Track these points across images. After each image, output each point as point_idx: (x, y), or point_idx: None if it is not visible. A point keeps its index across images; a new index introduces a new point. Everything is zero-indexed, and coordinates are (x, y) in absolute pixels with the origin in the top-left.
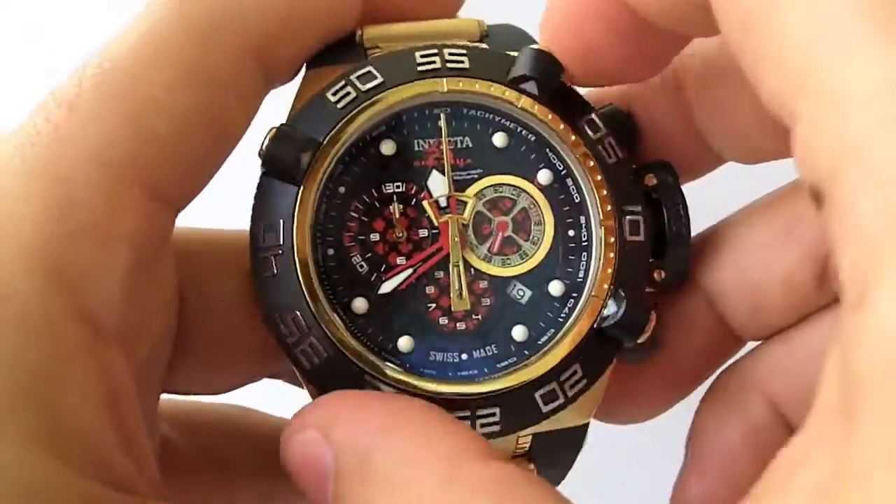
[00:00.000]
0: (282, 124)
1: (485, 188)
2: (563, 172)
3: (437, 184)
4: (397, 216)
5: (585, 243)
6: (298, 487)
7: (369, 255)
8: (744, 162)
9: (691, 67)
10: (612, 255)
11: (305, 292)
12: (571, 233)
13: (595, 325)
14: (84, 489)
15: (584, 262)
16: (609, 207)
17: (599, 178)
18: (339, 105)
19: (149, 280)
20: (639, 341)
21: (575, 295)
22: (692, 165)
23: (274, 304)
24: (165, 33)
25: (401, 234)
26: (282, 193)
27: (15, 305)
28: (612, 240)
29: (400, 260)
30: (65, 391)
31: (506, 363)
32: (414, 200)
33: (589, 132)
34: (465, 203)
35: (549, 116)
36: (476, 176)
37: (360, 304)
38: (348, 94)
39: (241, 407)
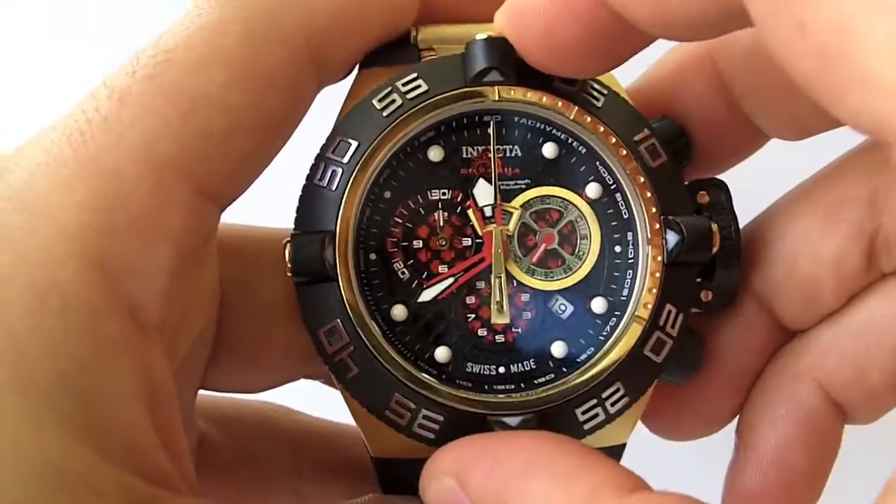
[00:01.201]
0: (293, 232)
1: (532, 199)
2: (612, 187)
3: (483, 192)
4: (441, 224)
5: (631, 261)
6: None
7: (412, 261)
8: (790, 138)
9: (732, 49)
10: (657, 274)
11: (346, 300)
12: (618, 249)
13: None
14: (120, 481)
15: (629, 280)
16: (657, 226)
17: (649, 195)
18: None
19: (192, 277)
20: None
21: (618, 313)
22: (738, 147)
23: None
24: (222, 30)
25: (444, 243)
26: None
27: (57, 295)
28: (659, 258)
29: (442, 268)
30: (105, 384)
31: (543, 379)
32: (459, 208)
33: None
34: (511, 213)
35: (601, 129)
36: (524, 186)
37: (399, 312)
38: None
39: (279, 406)
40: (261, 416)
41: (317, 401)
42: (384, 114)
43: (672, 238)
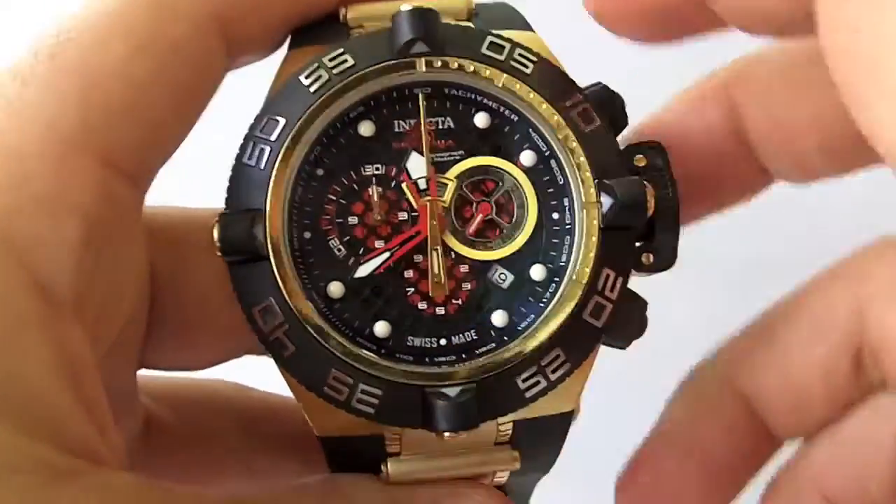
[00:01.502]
0: (221, 212)
1: (467, 170)
2: (546, 154)
3: (417, 165)
4: (376, 199)
5: (569, 226)
6: None
7: (347, 238)
8: (797, 182)
9: (749, 83)
10: (594, 238)
11: (279, 279)
12: (556, 216)
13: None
14: (39, 455)
15: (567, 246)
16: (592, 190)
17: (582, 159)
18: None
19: (112, 254)
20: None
21: (557, 279)
22: (742, 185)
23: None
24: (123, 7)
25: (380, 217)
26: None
27: None
28: (595, 222)
29: (379, 243)
30: (17, 359)
31: (485, 349)
32: (394, 182)
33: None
34: (446, 185)
35: (532, 96)
36: (458, 157)
37: (335, 289)
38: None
39: (231, 382)
40: (211, 393)
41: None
42: (311, 90)
43: (606, 201)
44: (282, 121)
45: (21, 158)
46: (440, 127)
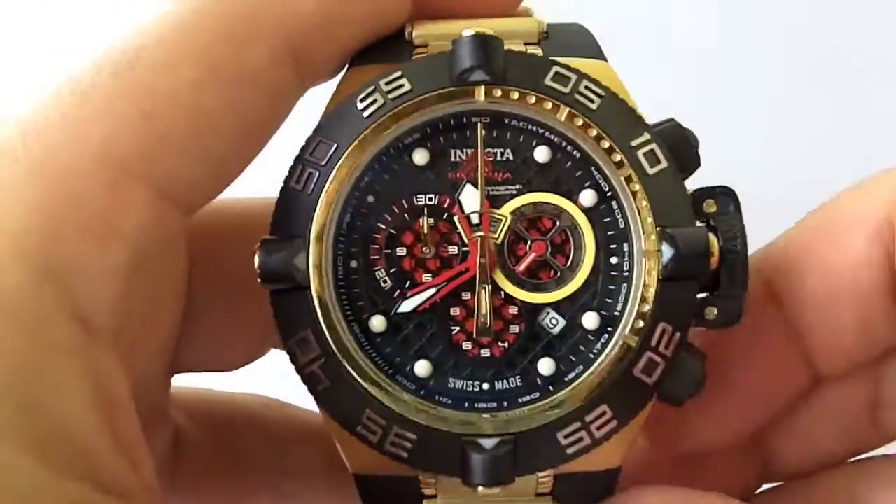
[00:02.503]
0: (264, 237)
1: (523, 206)
2: (608, 194)
3: (470, 198)
4: (426, 230)
5: (627, 273)
6: None
7: (394, 269)
8: None
9: None
10: (652, 289)
11: (318, 311)
12: (614, 260)
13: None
14: (71, 492)
15: (625, 295)
16: (654, 237)
17: (645, 203)
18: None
19: (154, 281)
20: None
21: (610, 329)
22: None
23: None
24: (196, 26)
25: (428, 250)
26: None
27: (1, 299)
28: (654, 273)
29: (426, 277)
30: (52, 390)
31: (528, 398)
32: (446, 214)
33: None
34: (500, 221)
35: (594, 133)
36: (515, 192)
37: (377, 323)
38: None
39: (268, 399)
40: (245, 410)
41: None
42: (365, 115)
43: (667, 251)
44: (333, 145)
45: (71, 179)
46: (498, 158)
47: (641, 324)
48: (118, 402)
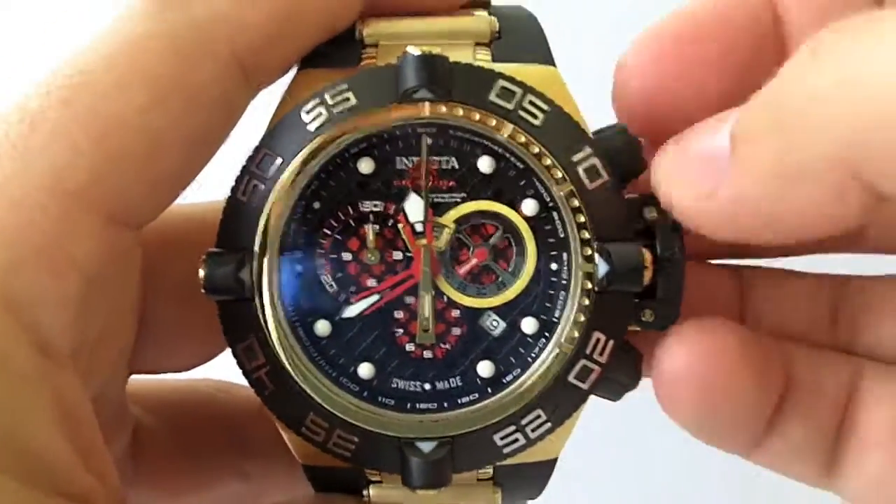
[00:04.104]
0: (210, 250)
1: (467, 214)
2: (550, 205)
3: (414, 207)
4: (372, 236)
5: (566, 282)
6: None
7: (340, 274)
8: None
9: None
10: (587, 301)
11: (262, 320)
12: (554, 267)
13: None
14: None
15: (562, 302)
16: (589, 252)
17: (583, 219)
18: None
19: (109, 297)
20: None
21: (547, 335)
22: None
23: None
24: (143, 46)
25: (373, 256)
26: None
27: None
28: (590, 285)
29: (371, 282)
30: (18, 414)
31: (467, 399)
32: (391, 221)
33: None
34: (443, 229)
35: (536, 150)
36: (459, 200)
37: (322, 327)
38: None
39: (220, 382)
40: (199, 396)
41: None
42: (310, 128)
43: (602, 266)
44: (278, 159)
45: (23, 211)
46: (443, 167)
47: (576, 333)
48: (80, 419)
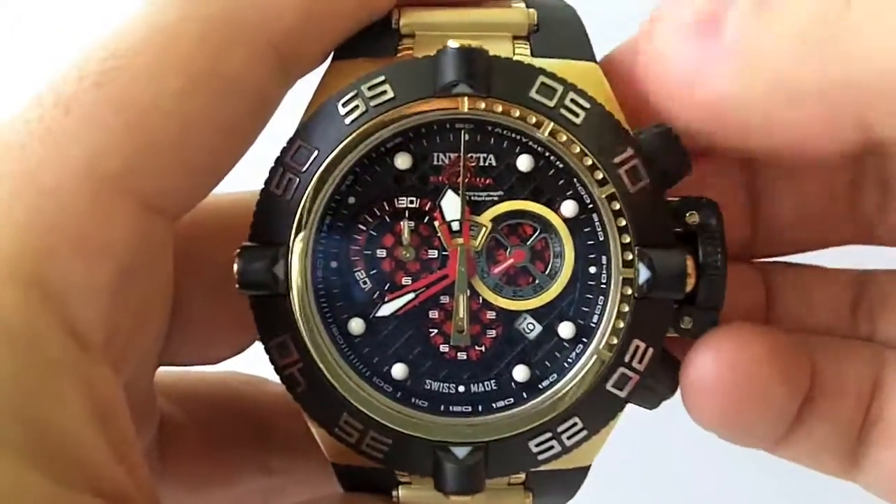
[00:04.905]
0: (244, 244)
1: (504, 213)
2: (589, 206)
3: (451, 205)
4: (407, 233)
5: (604, 286)
6: None
7: (374, 271)
8: None
9: None
10: (627, 308)
11: (297, 316)
12: (592, 270)
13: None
14: (72, 500)
15: (600, 307)
16: (630, 257)
17: (624, 223)
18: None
19: (143, 288)
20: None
21: (585, 340)
22: None
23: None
24: (178, 33)
25: (408, 253)
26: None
27: None
28: (630, 292)
29: (406, 280)
30: (52, 407)
31: (501, 403)
32: (427, 218)
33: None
34: (480, 228)
35: (577, 150)
36: (496, 199)
37: (356, 326)
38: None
39: (248, 376)
40: (226, 389)
41: None
42: (346, 121)
43: (643, 272)
44: (314, 151)
45: (58, 197)
46: (481, 164)
47: (615, 340)
48: (113, 411)
